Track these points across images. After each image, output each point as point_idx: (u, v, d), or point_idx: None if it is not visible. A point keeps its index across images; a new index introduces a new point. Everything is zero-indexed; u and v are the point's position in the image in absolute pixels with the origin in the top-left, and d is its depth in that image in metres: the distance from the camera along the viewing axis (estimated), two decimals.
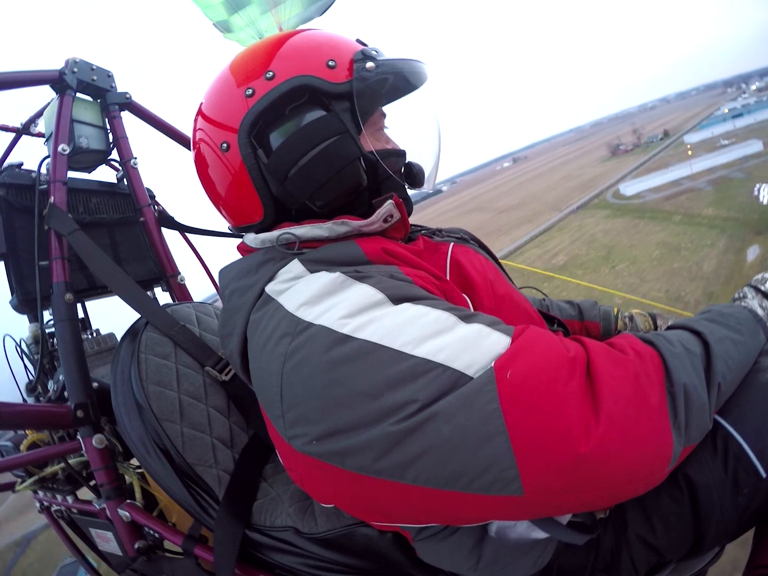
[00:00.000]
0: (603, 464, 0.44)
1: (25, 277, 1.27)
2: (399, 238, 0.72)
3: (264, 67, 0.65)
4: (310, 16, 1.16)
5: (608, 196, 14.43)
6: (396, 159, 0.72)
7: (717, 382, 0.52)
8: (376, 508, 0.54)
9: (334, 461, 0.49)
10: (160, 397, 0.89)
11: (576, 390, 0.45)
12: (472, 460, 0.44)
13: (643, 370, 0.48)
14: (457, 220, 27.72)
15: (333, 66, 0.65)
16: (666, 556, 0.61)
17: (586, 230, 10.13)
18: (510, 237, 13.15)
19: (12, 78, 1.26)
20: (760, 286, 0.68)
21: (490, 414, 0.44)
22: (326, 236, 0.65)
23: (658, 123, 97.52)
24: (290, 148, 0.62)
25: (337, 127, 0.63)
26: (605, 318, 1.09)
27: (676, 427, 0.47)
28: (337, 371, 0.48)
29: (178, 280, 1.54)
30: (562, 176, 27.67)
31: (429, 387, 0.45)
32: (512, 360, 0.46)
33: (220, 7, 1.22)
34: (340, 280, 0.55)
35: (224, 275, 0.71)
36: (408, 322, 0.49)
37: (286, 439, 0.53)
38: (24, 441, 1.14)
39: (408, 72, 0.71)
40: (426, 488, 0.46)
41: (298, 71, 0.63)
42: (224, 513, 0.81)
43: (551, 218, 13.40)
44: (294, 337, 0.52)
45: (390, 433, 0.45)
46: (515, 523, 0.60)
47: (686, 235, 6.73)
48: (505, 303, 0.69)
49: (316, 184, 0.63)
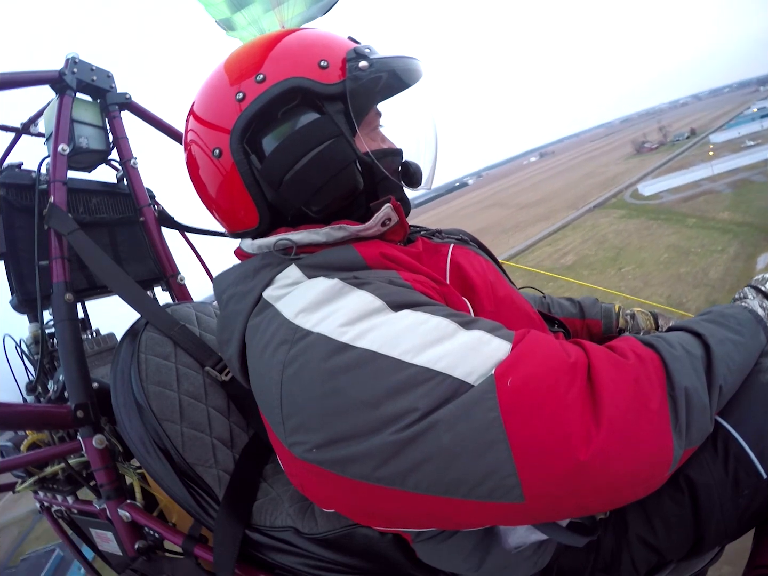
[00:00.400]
0: (604, 470, 0.44)
1: (25, 277, 1.27)
2: (397, 240, 0.72)
3: (255, 69, 0.63)
4: (313, 15, 1.16)
5: (626, 195, 13.97)
6: (392, 159, 0.71)
7: (718, 384, 0.52)
8: (377, 514, 0.54)
9: (334, 469, 0.49)
10: (160, 397, 0.89)
11: (576, 396, 0.45)
12: (472, 467, 0.44)
13: (644, 374, 0.48)
14: (478, 215, 27.22)
15: (325, 66, 0.63)
16: (666, 557, 0.61)
17: (599, 230, 9.92)
18: (525, 234, 12.98)
19: (12, 78, 1.26)
20: (760, 286, 0.68)
21: (490, 422, 0.44)
22: (323, 241, 0.64)
23: (687, 120, 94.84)
24: (284, 153, 0.61)
25: (331, 130, 0.61)
26: (606, 315, 1.09)
27: (676, 431, 0.47)
28: (336, 380, 0.48)
29: (178, 280, 1.54)
30: (585, 173, 26.85)
31: (429, 396, 0.45)
32: (513, 367, 0.46)
33: (223, 5, 1.22)
34: (338, 287, 0.54)
35: (220, 281, 0.70)
36: (407, 329, 0.49)
37: (287, 446, 0.52)
38: (24, 441, 1.14)
39: (402, 69, 0.69)
40: (427, 495, 0.46)
41: (290, 73, 0.62)
42: (224, 513, 0.80)
43: (567, 217, 13.11)
44: (292, 345, 0.51)
45: (390, 442, 0.45)
46: (515, 525, 0.59)
47: (698, 239, 6.54)
48: (505, 305, 0.69)
49: (311, 189, 0.61)
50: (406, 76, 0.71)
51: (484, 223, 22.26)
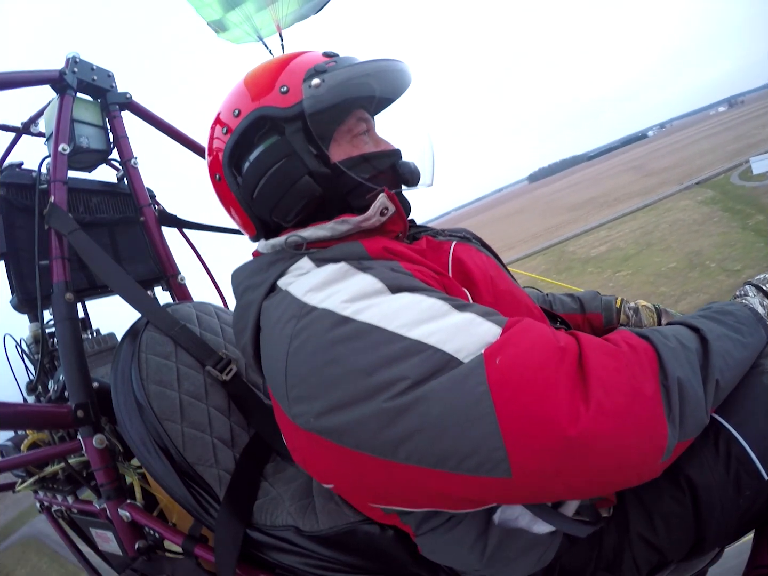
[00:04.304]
0: (592, 448, 0.44)
1: (26, 277, 1.27)
2: (398, 231, 0.75)
3: (234, 105, 0.72)
4: (306, 13, 1.16)
5: (737, 172, 10.55)
6: (377, 161, 0.75)
7: (714, 378, 0.52)
8: (372, 489, 0.56)
9: (332, 438, 0.51)
10: (160, 396, 0.89)
11: (565, 376, 0.46)
12: (461, 440, 0.46)
13: (635, 361, 0.49)
14: (604, 181, 23.93)
15: (285, 91, 0.69)
16: (667, 556, 0.61)
17: (662, 217, 8.46)
18: (613, 210, 11.31)
19: (12, 78, 1.26)
20: (761, 285, 0.68)
21: (478, 396, 0.45)
22: (329, 236, 0.69)
23: None
24: (250, 173, 0.71)
25: (284, 150, 0.69)
26: (607, 309, 1.09)
27: (670, 419, 0.47)
28: (336, 349, 0.51)
29: (178, 279, 1.54)
30: (734, 136, 20.69)
31: (420, 366, 0.48)
32: (502, 348, 0.48)
33: (215, 5, 1.22)
34: (344, 269, 0.59)
35: (237, 275, 0.76)
36: (404, 307, 0.53)
37: (291, 418, 0.56)
38: (24, 441, 1.14)
39: (358, 77, 0.72)
40: (418, 468, 0.48)
41: (256, 104, 0.70)
42: (225, 512, 0.81)
43: (659, 194, 10.95)
44: (299, 320, 0.55)
45: (383, 410, 0.47)
46: (517, 515, 0.59)
47: (733, 248, 5.22)
48: (505, 298, 0.70)
49: (272, 202, 0.70)
50: (366, 82, 0.74)
51: (597, 191, 18.80)
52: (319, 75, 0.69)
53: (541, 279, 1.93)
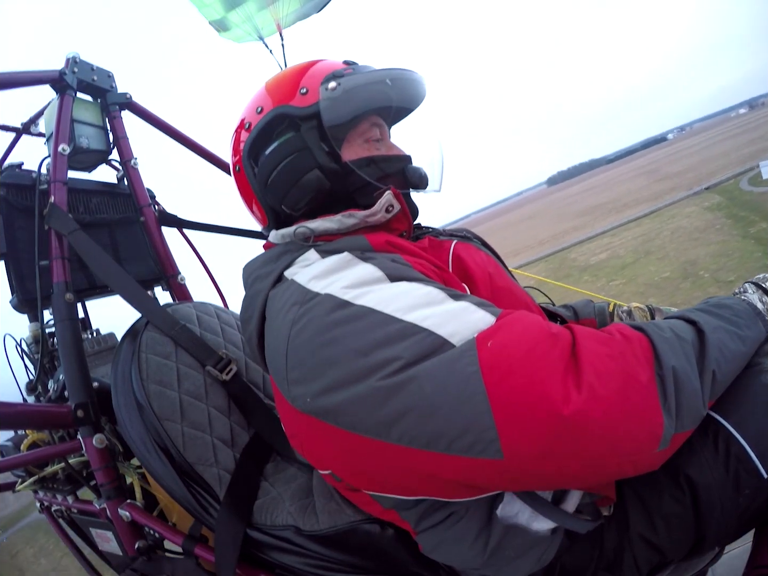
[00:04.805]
0: (584, 432, 0.44)
1: (25, 277, 1.27)
2: (403, 230, 0.77)
3: (258, 104, 0.78)
4: (307, 12, 1.16)
5: (747, 177, 10.40)
6: (386, 164, 0.78)
7: (711, 370, 0.52)
8: (367, 473, 0.58)
9: (328, 419, 0.53)
10: (160, 396, 0.89)
11: (557, 360, 0.46)
12: (452, 419, 0.46)
13: (629, 350, 0.49)
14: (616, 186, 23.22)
15: (305, 93, 0.74)
16: (668, 556, 0.61)
17: (665, 224, 8.37)
18: (620, 216, 11.12)
19: (12, 78, 1.26)
20: (761, 283, 0.68)
21: (469, 375, 0.46)
22: (336, 228, 0.73)
23: None
24: (265, 165, 0.75)
25: (297, 145, 0.74)
26: (600, 313, 1.10)
27: (665, 409, 0.47)
28: (334, 331, 0.53)
29: (178, 280, 1.54)
30: (750, 139, 19.79)
31: (414, 347, 0.49)
32: (494, 333, 0.49)
33: (216, 5, 1.22)
34: (347, 259, 0.62)
35: (248, 267, 0.79)
36: (401, 293, 0.55)
37: (290, 401, 0.57)
38: (24, 441, 1.14)
39: (373, 84, 0.77)
40: (410, 449, 0.48)
41: (277, 102, 0.76)
42: (225, 512, 0.81)
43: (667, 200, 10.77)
44: (302, 305, 0.58)
45: (376, 388, 0.49)
46: (517, 510, 0.59)
47: (730, 257, 5.05)
48: (503, 295, 0.71)
49: (282, 191, 0.75)
50: (378, 89, 0.78)
51: (607, 197, 18.24)
52: (337, 79, 0.74)
53: (544, 281, 1.93)
